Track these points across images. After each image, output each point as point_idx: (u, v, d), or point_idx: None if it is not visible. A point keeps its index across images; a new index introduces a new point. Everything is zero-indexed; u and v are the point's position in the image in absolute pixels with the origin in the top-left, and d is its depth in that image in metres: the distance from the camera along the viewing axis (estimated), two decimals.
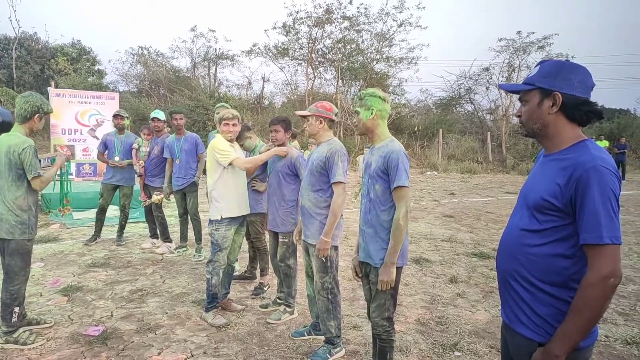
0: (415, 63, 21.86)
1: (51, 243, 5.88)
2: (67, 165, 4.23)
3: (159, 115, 5.68)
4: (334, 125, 3.19)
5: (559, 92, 1.42)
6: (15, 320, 3.13)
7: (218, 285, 3.60)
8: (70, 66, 21.47)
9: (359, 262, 2.62)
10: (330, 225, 2.86)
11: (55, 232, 6.47)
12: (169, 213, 6.94)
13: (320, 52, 22.18)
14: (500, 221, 8.14)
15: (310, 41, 21.65)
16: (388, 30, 21.34)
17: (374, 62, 21.90)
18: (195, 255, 5.38)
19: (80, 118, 10.03)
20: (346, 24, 21.11)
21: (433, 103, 24.88)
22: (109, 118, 8.11)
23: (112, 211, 6.61)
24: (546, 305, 1.42)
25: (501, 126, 21.85)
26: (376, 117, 2.52)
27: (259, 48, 22.30)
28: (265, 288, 4.27)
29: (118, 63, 27.71)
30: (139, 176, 5.83)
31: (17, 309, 3.14)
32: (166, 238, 5.73)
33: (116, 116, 5.99)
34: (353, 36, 21.44)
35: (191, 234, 5.61)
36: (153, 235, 5.94)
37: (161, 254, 5.50)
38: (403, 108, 22.29)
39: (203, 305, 3.69)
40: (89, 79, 20.70)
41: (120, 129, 5.97)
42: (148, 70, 22.77)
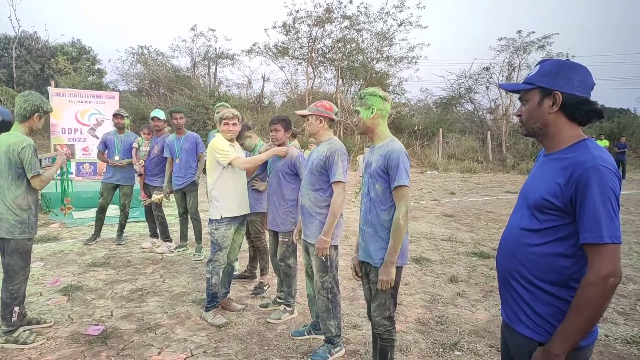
0: (415, 62, 21.93)
1: (51, 242, 5.88)
2: (68, 164, 4.23)
3: (159, 114, 5.68)
4: (334, 124, 3.19)
5: (559, 92, 1.42)
6: (15, 319, 3.13)
7: (218, 284, 3.60)
8: (70, 65, 21.47)
9: (359, 262, 2.62)
10: (329, 224, 2.86)
11: (55, 232, 6.47)
12: (169, 212, 6.94)
13: (320, 52, 22.17)
14: (500, 220, 8.13)
15: (310, 40, 21.66)
16: (388, 29, 21.39)
17: (374, 62, 21.91)
18: (195, 254, 5.38)
19: (80, 117, 10.01)
20: (346, 23, 21.12)
21: (433, 102, 24.88)
22: (109, 117, 8.11)
23: (112, 210, 6.61)
24: (546, 304, 1.42)
25: (501, 125, 21.84)
26: (376, 117, 2.51)
27: (259, 47, 22.35)
28: (265, 287, 4.27)
29: (118, 62, 27.66)
30: (139, 175, 5.83)
31: (17, 309, 3.14)
32: (166, 237, 5.73)
33: (116, 115, 5.99)
34: (353, 35, 21.45)
35: (191, 234, 5.62)
36: (153, 234, 5.94)
37: (161, 254, 5.50)
38: (403, 107, 22.28)
39: (203, 304, 3.69)
40: (89, 78, 20.71)
41: (120, 129, 5.97)
42: (148, 69, 22.76)
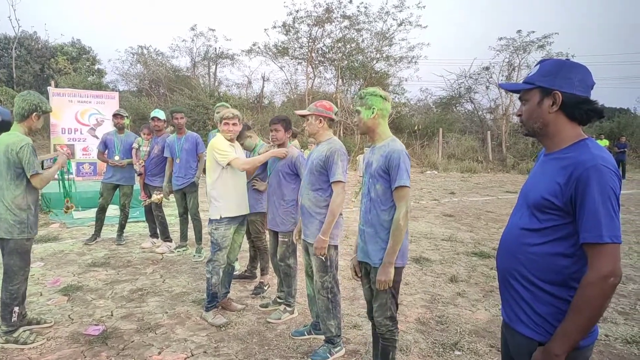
0: (415, 62, 21.93)
1: (51, 242, 5.88)
2: (68, 164, 4.23)
3: (159, 114, 5.68)
4: (334, 124, 3.19)
5: (559, 91, 1.42)
6: (15, 319, 3.13)
7: (218, 284, 3.60)
8: (70, 65, 21.48)
9: (358, 262, 2.62)
10: (328, 224, 2.86)
11: (55, 232, 6.47)
12: (169, 212, 6.94)
13: (320, 51, 22.16)
14: (500, 220, 8.14)
15: (310, 40, 21.64)
16: (388, 29, 21.38)
17: (374, 61, 21.89)
18: (195, 254, 5.38)
19: (80, 117, 10.01)
20: (346, 23, 21.11)
21: (433, 102, 24.89)
22: (109, 117, 8.10)
23: (112, 210, 6.61)
24: (546, 304, 1.42)
25: (501, 125, 21.84)
26: (377, 116, 2.51)
27: (259, 47, 22.34)
28: (265, 287, 4.27)
29: (118, 62, 27.63)
30: (139, 175, 5.83)
31: (17, 309, 3.14)
32: (166, 237, 5.73)
33: (116, 115, 5.99)
34: (353, 35, 21.44)
35: (191, 234, 5.62)
36: (153, 234, 5.94)
37: (161, 254, 5.50)
38: (403, 107, 22.27)
39: (203, 304, 3.69)
40: (89, 79, 20.71)
41: (120, 129, 5.97)
42: (148, 69, 22.75)
